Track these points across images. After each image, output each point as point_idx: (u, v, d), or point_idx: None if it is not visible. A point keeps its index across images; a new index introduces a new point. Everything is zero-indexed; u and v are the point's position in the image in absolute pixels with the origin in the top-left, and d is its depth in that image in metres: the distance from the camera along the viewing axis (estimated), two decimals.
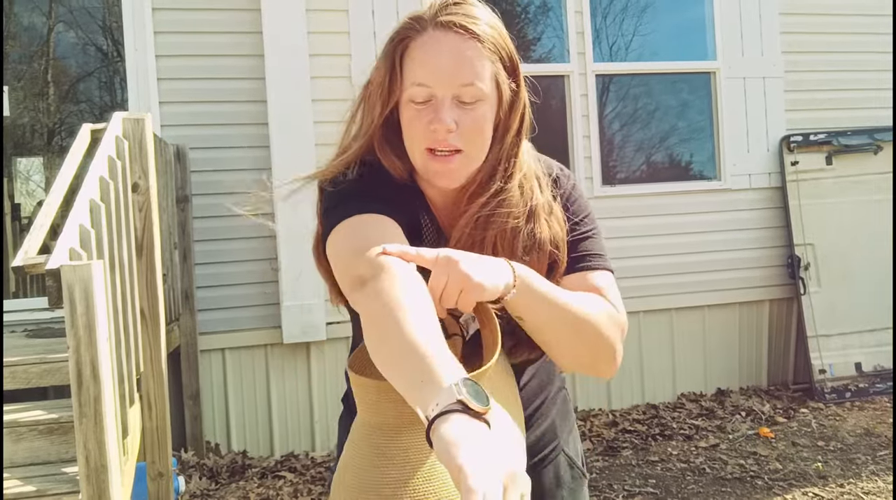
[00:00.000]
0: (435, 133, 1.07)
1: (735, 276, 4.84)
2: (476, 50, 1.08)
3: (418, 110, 1.09)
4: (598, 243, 1.21)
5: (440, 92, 1.07)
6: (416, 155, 1.11)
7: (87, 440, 1.97)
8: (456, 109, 1.08)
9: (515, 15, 4.87)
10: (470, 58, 1.07)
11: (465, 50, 1.07)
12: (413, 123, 1.09)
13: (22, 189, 5.37)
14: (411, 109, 1.09)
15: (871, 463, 3.70)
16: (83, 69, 5.00)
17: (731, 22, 4.84)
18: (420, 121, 1.08)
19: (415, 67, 1.08)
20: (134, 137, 2.78)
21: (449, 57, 1.07)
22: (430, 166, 1.10)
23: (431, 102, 1.08)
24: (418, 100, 1.08)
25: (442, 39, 1.08)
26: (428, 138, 1.08)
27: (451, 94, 1.07)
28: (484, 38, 1.09)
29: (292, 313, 4.09)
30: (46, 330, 3.51)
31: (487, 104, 1.10)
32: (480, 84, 1.08)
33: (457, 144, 1.08)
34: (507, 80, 1.12)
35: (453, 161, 1.09)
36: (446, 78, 1.07)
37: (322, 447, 4.24)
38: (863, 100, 5.04)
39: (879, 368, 4.82)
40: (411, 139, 1.11)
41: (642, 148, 4.97)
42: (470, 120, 1.08)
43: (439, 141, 1.08)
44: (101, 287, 2.03)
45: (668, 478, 3.64)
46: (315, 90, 4.14)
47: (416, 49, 1.09)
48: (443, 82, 1.07)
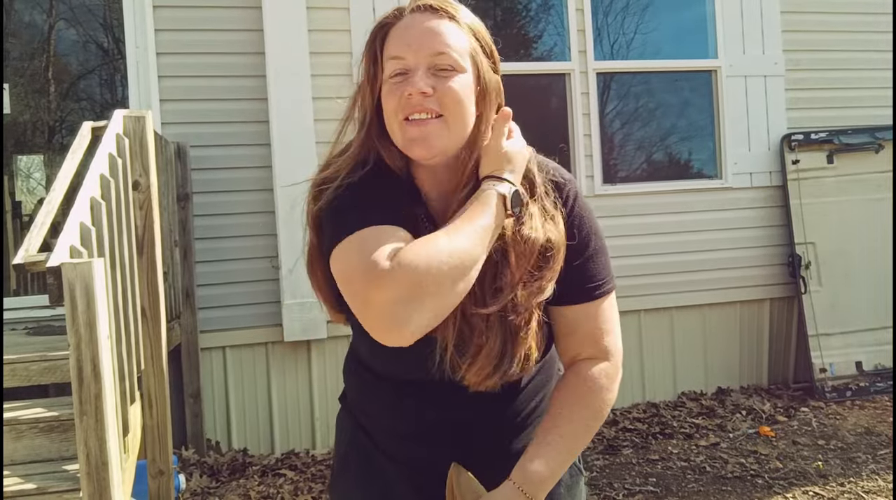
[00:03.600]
0: (410, 98, 1.08)
1: (736, 274, 4.84)
2: (450, 26, 1.12)
3: (395, 83, 1.11)
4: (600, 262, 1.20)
5: (412, 61, 1.10)
6: (396, 128, 1.12)
7: (87, 438, 1.97)
8: (431, 77, 1.10)
9: (517, 13, 4.87)
10: (443, 31, 1.11)
11: (438, 24, 1.11)
12: (389, 96, 1.11)
13: (23, 187, 5.37)
14: (388, 84, 1.12)
15: (872, 462, 3.70)
16: (84, 66, 5.00)
17: (732, 20, 4.84)
18: (395, 92, 1.10)
19: (390, 45, 1.12)
20: (135, 134, 2.78)
21: (422, 29, 1.11)
22: (407, 132, 1.10)
23: (407, 74, 1.10)
24: (394, 73, 1.11)
25: (418, 18, 1.12)
26: (404, 107, 1.09)
27: (425, 63, 1.10)
28: (460, 20, 1.13)
29: (293, 311, 4.09)
30: (47, 328, 3.51)
31: (466, 78, 1.12)
32: (455, 54, 1.11)
33: (435, 108, 1.09)
34: (486, 62, 1.15)
35: (429, 124, 1.09)
36: (417, 46, 1.10)
37: (323, 444, 4.24)
38: (864, 98, 5.04)
39: (880, 367, 4.82)
40: (389, 114, 1.12)
41: (643, 146, 4.97)
42: (446, 86, 1.10)
43: (413, 106, 1.09)
44: (101, 285, 2.03)
45: (668, 477, 3.65)
46: (316, 88, 4.14)
47: (394, 31, 1.13)
48: (415, 51, 1.10)
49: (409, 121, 1.10)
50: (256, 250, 4.15)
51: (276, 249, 4.13)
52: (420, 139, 1.10)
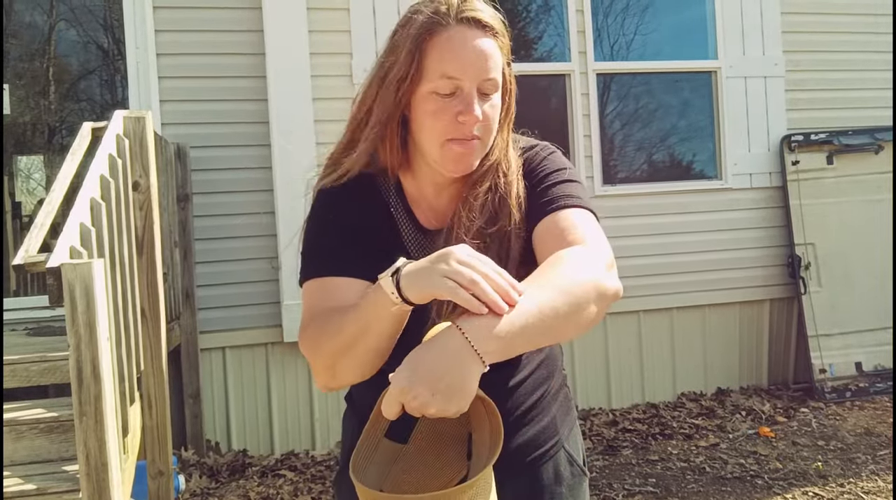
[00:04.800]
0: (464, 125, 1.11)
1: (736, 275, 4.84)
2: (494, 47, 1.13)
3: (445, 102, 1.11)
4: (570, 188, 1.18)
5: (467, 85, 1.11)
6: (435, 145, 1.13)
7: (87, 439, 1.98)
8: (480, 100, 1.12)
9: (517, 13, 4.87)
10: (491, 53, 1.12)
11: (487, 45, 1.12)
12: (439, 115, 1.11)
13: (22, 187, 5.37)
14: (435, 101, 1.11)
15: (871, 463, 3.70)
16: (84, 67, 5.00)
17: (732, 21, 4.84)
18: (447, 112, 1.11)
19: (442, 60, 1.11)
20: (135, 135, 2.78)
21: (475, 51, 1.11)
22: (454, 150, 1.12)
23: (457, 94, 1.11)
24: (444, 92, 1.11)
25: (468, 35, 1.12)
26: (454, 130, 1.11)
27: (476, 86, 1.12)
28: (499, 34, 1.14)
29: (293, 311, 4.09)
30: (47, 328, 3.51)
31: (498, 96, 1.15)
32: (498, 76, 1.14)
33: (477, 134, 1.13)
34: (508, 70, 1.18)
35: (473, 145, 1.13)
36: (473, 71, 1.11)
37: (322, 445, 4.24)
38: (864, 99, 5.04)
39: (880, 367, 4.82)
40: (432, 130, 1.13)
41: (643, 147, 4.97)
42: (490, 111, 1.13)
43: (466, 133, 1.11)
44: (101, 286, 2.03)
45: (668, 477, 3.65)
46: (316, 89, 4.14)
47: (443, 42, 1.11)
48: (470, 75, 1.11)
49: (453, 141, 1.12)
50: (256, 251, 4.15)
51: (275, 249, 4.13)
52: (464, 158, 1.13)
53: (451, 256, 0.91)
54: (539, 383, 1.28)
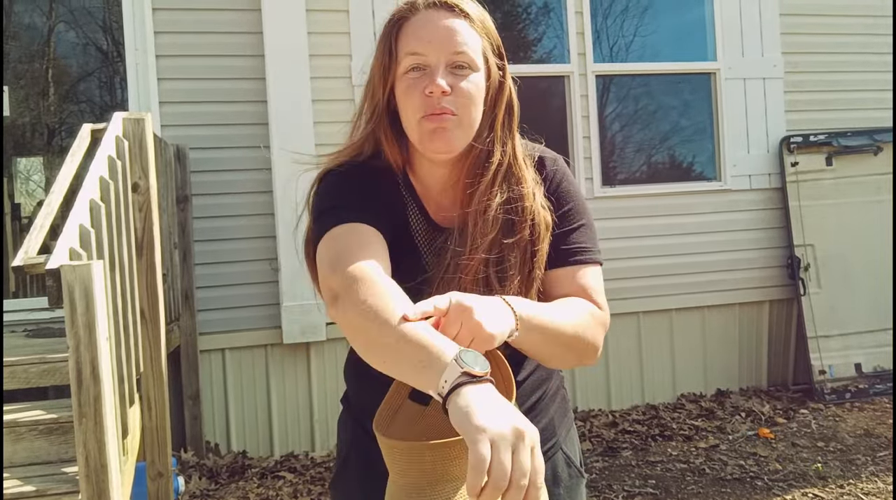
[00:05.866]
0: (431, 97, 1.11)
1: (735, 277, 4.84)
2: (466, 25, 1.14)
3: (413, 79, 1.13)
4: (586, 234, 1.23)
5: (433, 58, 1.12)
6: (414, 127, 1.14)
7: (86, 440, 1.97)
8: (449, 75, 1.12)
9: (516, 15, 4.87)
10: (460, 29, 1.13)
11: (455, 23, 1.14)
12: (409, 92, 1.13)
13: (22, 189, 5.37)
14: (406, 80, 1.14)
15: (871, 464, 3.70)
16: (83, 69, 5.00)
17: (731, 23, 4.85)
18: (416, 89, 1.12)
19: (409, 40, 1.14)
20: (134, 136, 2.78)
21: (440, 27, 1.13)
22: (426, 126, 1.12)
23: (426, 70, 1.12)
24: (411, 68, 1.13)
25: (434, 15, 1.14)
26: (424, 105, 1.12)
27: (444, 60, 1.12)
28: (473, 18, 1.15)
29: (292, 313, 4.09)
30: (46, 330, 3.51)
31: (479, 77, 1.15)
32: (471, 53, 1.14)
33: (450, 107, 1.12)
34: (494, 60, 1.18)
35: (445, 119, 1.12)
36: (438, 44, 1.12)
37: (322, 447, 4.24)
38: (863, 101, 5.04)
39: (879, 369, 4.82)
40: (407, 110, 1.14)
41: (642, 149, 4.97)
42: (462, 85, 1.12)
43: (434, 106, 1.11)
44: (100, 287, 2.03)
45: (667, 479, 3.64)
46: (315, 91, 4.15)
47: (410, 26, 1.14)
48: (435, 48, 1.12)
49: (425, 117, 1.12)
50: (256, 253, 4.15)
51: (275, 251, 4.13)
52: (439, 133, 1.12)
53: (523, 437, 0.80)
54: (538, 385, 1.28)
